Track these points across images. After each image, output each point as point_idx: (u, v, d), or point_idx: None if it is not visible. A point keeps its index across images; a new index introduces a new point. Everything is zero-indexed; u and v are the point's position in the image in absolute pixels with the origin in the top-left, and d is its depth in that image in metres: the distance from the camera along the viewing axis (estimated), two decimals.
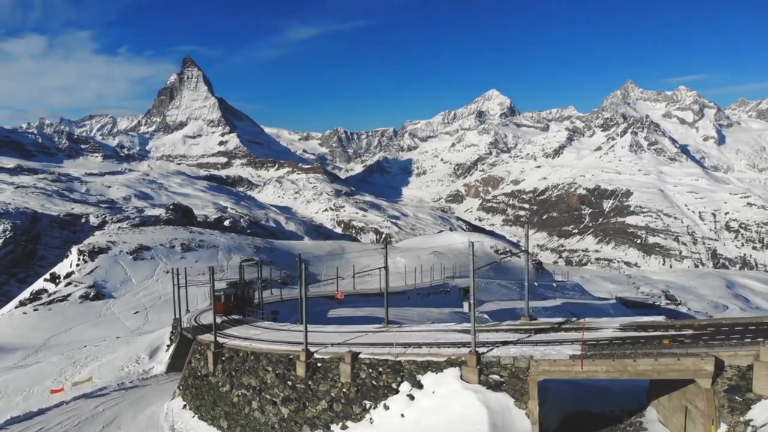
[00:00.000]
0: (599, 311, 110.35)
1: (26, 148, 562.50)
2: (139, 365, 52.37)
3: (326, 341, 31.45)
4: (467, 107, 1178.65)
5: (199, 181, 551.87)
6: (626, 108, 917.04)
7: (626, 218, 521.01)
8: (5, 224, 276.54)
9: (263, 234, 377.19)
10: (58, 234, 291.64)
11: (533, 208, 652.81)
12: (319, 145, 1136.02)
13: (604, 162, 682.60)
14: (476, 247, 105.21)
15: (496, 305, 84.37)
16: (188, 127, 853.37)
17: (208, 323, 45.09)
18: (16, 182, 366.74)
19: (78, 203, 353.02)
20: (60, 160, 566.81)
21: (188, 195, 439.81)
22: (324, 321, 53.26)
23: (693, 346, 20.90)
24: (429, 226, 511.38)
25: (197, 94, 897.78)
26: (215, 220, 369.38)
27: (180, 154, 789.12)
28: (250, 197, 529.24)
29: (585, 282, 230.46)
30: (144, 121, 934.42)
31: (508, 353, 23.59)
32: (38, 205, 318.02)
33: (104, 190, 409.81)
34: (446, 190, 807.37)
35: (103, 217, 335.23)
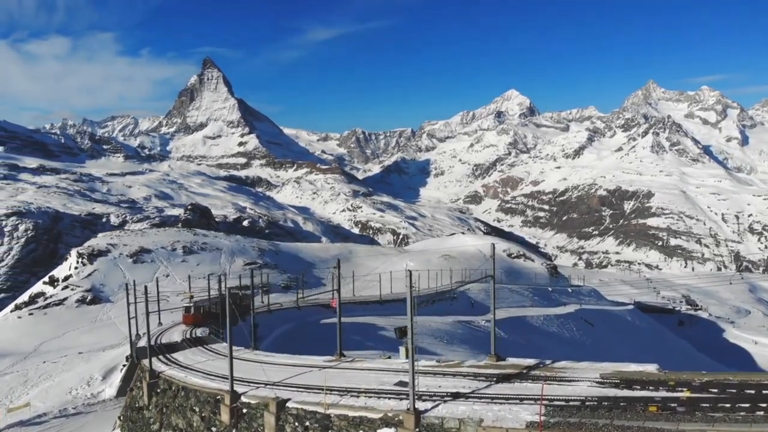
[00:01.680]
0: (616, 318, 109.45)
1: (49, 148, 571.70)
2: (90, 387, 47.34)
3: (261, 379, 26.83)
4: (486, 107, 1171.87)
5: (218, 181, 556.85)
6: (648, 108, 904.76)
7: (647, 220, 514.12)
8: (27, 223, 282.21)
9: (281, 234, 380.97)
10: (80, 233, 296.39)
11: (553, 209, 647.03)
12: (338, 146, 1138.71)
13: (625, 163, 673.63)
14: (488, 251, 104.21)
15: (505, 313, 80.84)
16: (208, 128, 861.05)
17: (167, 342, 41.55)
18: (38, 182, 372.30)
19: (99, 203, 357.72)
20: (82, 160, 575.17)
21: (208, 195, 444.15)
22: (314, 332, 49.79)
23: (687, 419, 15.85)
24: (446, 227, 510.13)
25: (217, 95, 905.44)
26: (234, 220, 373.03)
27: (200, 155, 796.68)
28: (269, 197, 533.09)
29: (603, 285, 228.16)
30: (165, 121, 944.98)
31: (456, 412, 18.99)
32: (60, 204, 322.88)
33: (125, 190, 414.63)
34: (464, 190, 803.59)
35: (124, 216, 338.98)
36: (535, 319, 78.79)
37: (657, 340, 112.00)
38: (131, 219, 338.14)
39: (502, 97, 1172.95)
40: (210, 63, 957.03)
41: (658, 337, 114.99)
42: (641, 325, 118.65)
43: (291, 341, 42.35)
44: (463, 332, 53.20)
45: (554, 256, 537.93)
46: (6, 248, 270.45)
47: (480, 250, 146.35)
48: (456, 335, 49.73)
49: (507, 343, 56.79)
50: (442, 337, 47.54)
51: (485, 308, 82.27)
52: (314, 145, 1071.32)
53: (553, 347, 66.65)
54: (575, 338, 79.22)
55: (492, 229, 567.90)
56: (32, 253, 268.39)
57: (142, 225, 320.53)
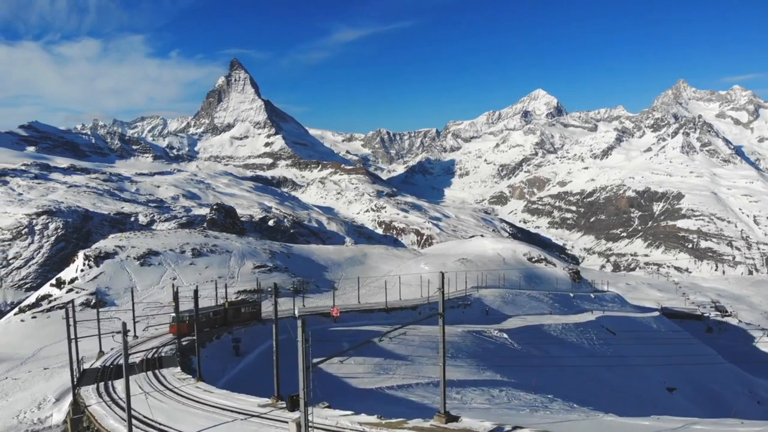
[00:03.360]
0: (639, 326, 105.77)
1: (80, 148, 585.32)
2: (39, 411, 41.68)
3: (174, 428, 23.74)
4: (512, 107, 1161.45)
5: (245, 181, 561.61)
6: (678, 108, 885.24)
7: (677, 222, 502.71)
8: (57, 222, 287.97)
9: (305, 234, 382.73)
10: (108, 232, 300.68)
11: (580, 211, 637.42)
12: (362, 146, 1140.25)
13: (654, 163, 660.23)
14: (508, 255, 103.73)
15: (521, 321, 79.12)
16: (235, 129, 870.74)
17: None
18: (69, 181, 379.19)
19: (128, 202, 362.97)
20: (112, 160, 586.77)
21: (234, 195, 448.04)
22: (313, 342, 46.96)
23: None
24: (471, 227, 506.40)
25: (244, 97, 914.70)
26: (260, 220, 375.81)
27: (227, 155, 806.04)
28: (294, 197, 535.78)
29: (630, 289, 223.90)
30: (193, 122, 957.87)
31: None
32: (90, 204, 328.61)
33: (153, 189, 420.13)
34: (489, 191, 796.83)
35: (152, 216, 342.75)
36: (553, 327, 76.08)
37: (682, 349, 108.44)
38: (159, 218, 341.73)
39: (529, 97, 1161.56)
40: (237, 64, 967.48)
41: (684, 346, 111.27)
42: (666, 332, 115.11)
43: (282, 357, 39.42)
44: (471, 344, 50.38)
45: (581, 258, 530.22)
46: (36, 246, 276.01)
47: (499, 253, 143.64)
48: (463, 347, 47.19)
49: (520, 355, 55.00)
50: (447, 350, 44.14)
51: (501, 316, 79.98)
52: (339, 145, 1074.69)
53: (571, 358, 64.36)
54: (595, 348, 76.65)
55: (518, 230, 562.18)
56: (62, 252, 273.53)
57: (170, 224, 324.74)
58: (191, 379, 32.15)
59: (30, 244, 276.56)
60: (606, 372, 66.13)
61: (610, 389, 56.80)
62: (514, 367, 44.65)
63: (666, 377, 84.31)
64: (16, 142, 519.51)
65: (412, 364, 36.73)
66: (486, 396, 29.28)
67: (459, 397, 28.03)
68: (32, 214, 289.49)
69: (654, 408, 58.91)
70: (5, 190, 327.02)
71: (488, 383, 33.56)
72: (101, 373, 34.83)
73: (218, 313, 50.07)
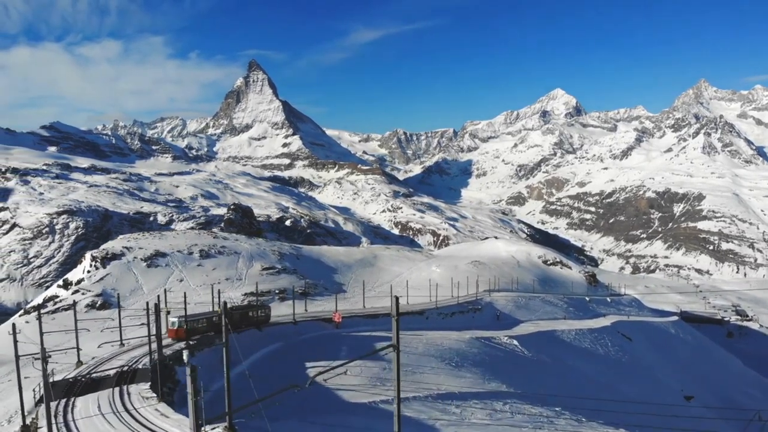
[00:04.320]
0: (657, 331, 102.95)
1: (101, 148, 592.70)
2: (9, 425, 36.60)
3: None
4: (531, 107, 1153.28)
5: (262, 181, 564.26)
6: (699, 108, 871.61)
7: (698, 223, 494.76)
8: (78, 221, 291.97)
9: (322, 234, 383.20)
10: (128, 232, 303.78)
11: (599, 212, 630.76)
12: (379, 147, 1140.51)
13: (674, 164, 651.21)
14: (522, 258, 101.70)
15: (533, 326, 76.69)
16: (253, 130, 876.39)
17: (97, 376, 34.17)
18: (89, 181, 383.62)
19: (147, 202, 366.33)
20: (132, 160, 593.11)
21: (252, 195, 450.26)
22: (304, 354, 43.13)
23: None
24: (488, 228, 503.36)
25: (262, 97, 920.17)
26: (277, 220, 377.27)
27: (245, 156, 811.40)
28: (311, 198, 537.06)
29: (649, 292, 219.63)
30: (212, 123, 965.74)
31: None
32: (109, 203, 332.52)
33: (172, 189, 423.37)
34: (507, 191, 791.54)
35: (171, 215, 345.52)
36: (566, 333, 73.99)
37: (702, 355, 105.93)
38: (178, 218, 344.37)
39: (548, 97, 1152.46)
40: (255, 65, 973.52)
41: (704, 352, 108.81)
42: (685, 338, 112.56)
43: (270, 368, 37.58)
44: (478, 351, 48.05)
45: (600, 259, 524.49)
46: (56, 245, 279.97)
47: (513, 256, 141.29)
48: (469, 356, 44.99)
49: (532, 363, 53.59)
50: (451, 359, 42.71)
51: (512, 321, 78.11)
52: (356, 146, 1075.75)
53: (584, 366, 62.72)
54: (610, 355, 74.62)
55: (536, 232, 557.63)
56: (82, 251, 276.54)
57: (188, 224, 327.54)
58: (154, 399, 29.83)
59: (50, 243, 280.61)
60: (620, 380, 64.42)
61: (622, 398, 55.15)
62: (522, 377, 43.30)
63: (684, 385, 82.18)
64: (38, 142, 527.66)
65: (413, 373, 34.70)
66: (488, 410, 28.03)
67: (458, 412, 26.82)
68: (53, 214, 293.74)
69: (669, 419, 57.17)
70: (27, 190, 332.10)
71: (492, 395, 32.14)
72: (68, 388, 32.23)
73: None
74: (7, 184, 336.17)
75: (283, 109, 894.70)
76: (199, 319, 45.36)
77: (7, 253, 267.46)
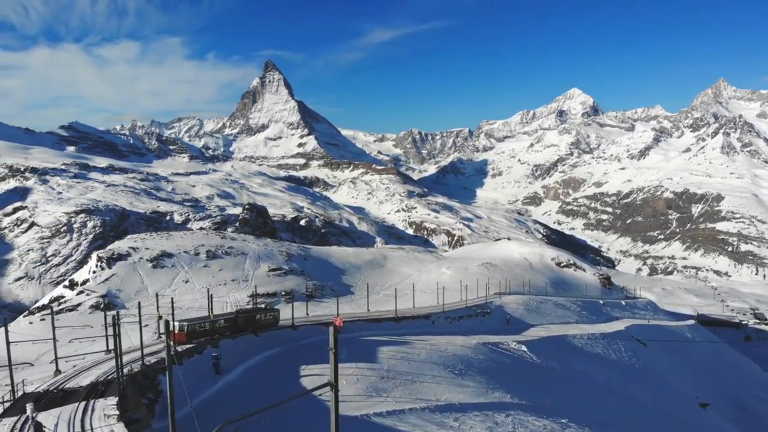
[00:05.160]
0: (672, 335, 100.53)
1: (119, 148, 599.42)
2: None
3: None
4: (547, 106, 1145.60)
5: (278, 181, 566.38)
6: (718, 107, 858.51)
7: (716, 224, 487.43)
8: (95, 220, 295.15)
9: (336, 233, 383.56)
10: (144, 230, 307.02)
11: (616, 212, 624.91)
12: (394, 146, 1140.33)
13: (693, 164, 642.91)
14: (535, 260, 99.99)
15: (544, 331, 74.98)
16: (269, 130, 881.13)
17: (73, 387, 31.59)
18: (107, 181, 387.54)
19: (164, 201, 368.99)
20: (150, 160, 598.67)
21: (268, 195, 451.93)
22: (302, 360, 40.21)
23: None
24: (503, 228, 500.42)
25: (278, 98, 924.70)
26: (292, 219, 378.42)
27: (261, 156, 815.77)
28: (326, 197, 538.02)
29: (666, 294, 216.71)
30: (228, 123, 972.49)
31: None
32: (127, 202, 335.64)
33: (189, 189, 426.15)
34: (523, 191, 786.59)
35: (187, 214, 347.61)
36: (578, 338, 72.30)
37: (718, 360, 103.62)
38: (194, 217, 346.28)
39: (564, 96, 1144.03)
40: (271, 66, 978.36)
41: (720, 357, 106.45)
42: (702, 342, 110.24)
43: (263, 376, 35.50)
44: (485, 357, 46.42)
45: (617, 260, 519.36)
46: (74, 244, 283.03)
47: (526, 258, 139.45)
48: (474, 363, 43.43)
49: (540, 370, 52.36)
50: (455, 366, 41.20)
51: (522, 325, 76.67)
52: (371, 145, 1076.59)
53: (596, 373, 61.32)
54: (623, 361, 72.97)
55: (552, 232, 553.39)
56: (99, 250, 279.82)
57: (204, 223, 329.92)
58: (114, 418, 26.60)
59: (68, 241, 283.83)
60: (633, 387, 62.96)
61: (635, 407, 53.84)
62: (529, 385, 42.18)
63: (699, 392, 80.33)
64: (57, 142, 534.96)
65: (412, 382, 33.30)
66: (489, 423, 26.96)
67: (456, 426, 25.74)
68: (71, 213, 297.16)
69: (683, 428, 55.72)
70: (45, 189, 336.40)
71: (495, 406, 30.99)
72: (36, 402, 28.79)
73: (229, 320, 46.08)
74: (26, 184, 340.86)
75: (298, 110, 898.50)
76: (202, 322, 43.92)
77: (26, 252, 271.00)
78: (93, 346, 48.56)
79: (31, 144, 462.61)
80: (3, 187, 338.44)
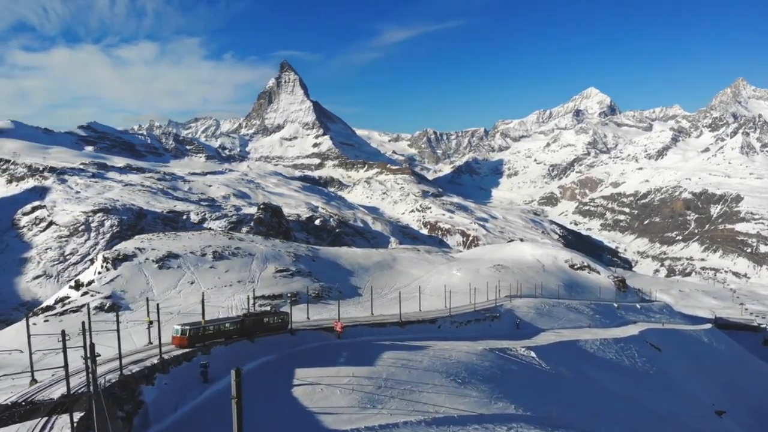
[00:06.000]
0: (689, 340, 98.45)
1: (136, 148, 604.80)
2: None
3: None
4: (564, 106, 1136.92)
5: (293, 181, 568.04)
6: (737, 107, 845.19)
7: (736, 225, 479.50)
8: (113, 219, 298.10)
9: (351, 233, 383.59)
10: (161, 229, 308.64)
11: (634, 213, 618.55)
12: (408, 146, 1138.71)
13: (712, 164, 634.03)
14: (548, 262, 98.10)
15: (555, 336, 72.99)
16: (285, 130, 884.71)
17: (37, 400, 29.07)
18: (124, 180, 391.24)
19: (180, 201, 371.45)
20: (167, 160, 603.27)
21: (283, 195, 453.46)
22: (299, 366, 38.93)
23: None
24: (519, 229, 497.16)
25: (294, 98, 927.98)
26: (306, 219, 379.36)
27: (277, 156, 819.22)
28: (340, 197, 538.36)
29: (683, 297, 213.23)
30: (244, 123, 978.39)
31: None
32: (144, 202, 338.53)
33: (205, 188, 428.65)
34: (539, 192, 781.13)
35: (203, 214, 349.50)
36: (590, 343, 70.61)
37: (736, 365, 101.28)
38: (210, 217, 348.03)
39: (581, 95, 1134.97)
40: (287, 66, 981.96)
41: (737, 362, 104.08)
42: (719, 347, 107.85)
43: (252, 387, 32.00)
44: (490, 365, 44.85)
45: (634, 261, 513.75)
46: (92, 243, 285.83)
47: (538, 260, 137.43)
48: (478, 370, 41.92)
49: (549, 377, 51.09)
50: (458, 374, 39.45)
51: (533, 330, 74.97)
52: (385, 145, 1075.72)
53: (607, 380, 59.87)
54: (636, 367, 71.27)
55: (568, 232, 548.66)
56: None
57: (220, 223, 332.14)
58: None
59: (86, 240, 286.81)
60: (646, 394, 61.47)
61: (647, 416, 52.40)
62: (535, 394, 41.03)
63: (716, 398, 78.44)
64: (76, 141, 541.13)
65: (411, 392, 32.03)
66: None
67: None
68: (89, 212, 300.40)
69: None
70: (64, 189, 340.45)
71: (497, 418, 29.88)
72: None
73: (235, 323, 44.94)
74: (45, 183, 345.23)
75: (313, 110, 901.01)
76: (206, 326, 42.87)
77: (44, 250, 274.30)
78: (96, 349, 47.18)
79: (50, 144, 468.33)
80: (22, 186, 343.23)
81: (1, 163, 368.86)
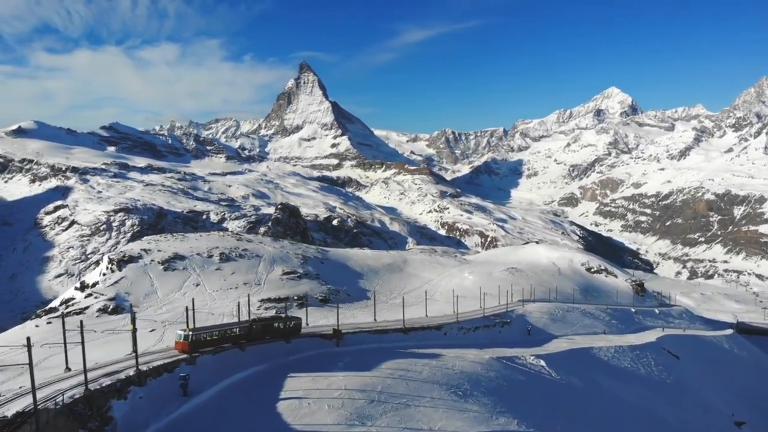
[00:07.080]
0: (708, 347, 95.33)
1: (157, 148, 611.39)
2: None
3: None
4: (584, 105, 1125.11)
5: (311, 181, 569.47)
6: (761, 107, 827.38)
7: (759, 227, 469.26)
8: (133, 219, 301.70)
9: (368, 233, 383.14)
10: (181, 229, 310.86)
11: (655, 214, 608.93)
12: (427, 146, 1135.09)
13: (735, 165, 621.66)
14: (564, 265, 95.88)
15: (568, 343, 70.96)
16: (303, 131, 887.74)
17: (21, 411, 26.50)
18: (145, 180, 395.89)
19: (200, 201, 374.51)
20: (187, 160, 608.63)
21: (301, 195, 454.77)
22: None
23: None
24: (539, 230, 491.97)
25: (312, 99, 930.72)
26: (324, 219, 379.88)
27: (295, 156, 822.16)
28: (358, 198, 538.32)
29: (705, 300, 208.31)
30: (264, 124, 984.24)
31: None
32: (164, 202, 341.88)
33: (225, 189, 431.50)
34: (559, 192, 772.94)
35: (223, 214, 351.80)
36: (604, 351, 68.45)
37: (757, 373, 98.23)
38: (229, 216, 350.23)
39: (602, 95, 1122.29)
40: (306, 67, 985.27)
41: (759, 370, 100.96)
42: (740, 354, 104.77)
43: (237, 400, 32.51)
44: (496, 375, 42.89)
45: (656, 263, 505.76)
46: (113, 242, 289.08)
47: (554, 263, 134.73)
48: (482, 381, 39.96)
49: (558, 388, 49.52)
50: (459, 386, 37.46)
51: (545, 337, 72.99)
52: (403, 146, 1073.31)
53: (621, 390, 57.97)
54: (652, 376, 68.96)
55: (588, 234, 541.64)
56: None
57: (240, 222, 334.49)
58: None
59: (107, 239, 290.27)
60: (662, 404, 59.60)
61: (661, 427, 50.69)
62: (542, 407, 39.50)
63: (735, 408, 75.98)
64: (98, 142, 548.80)
65: (406, 407, 30.66)
66: None
67: None
68: (110, 211, 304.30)
69: None
70: (86, 188, 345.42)
71: None
72: None
73: (243, 328, 43.33)
74: (68, 183, 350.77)
75: (332, 110, 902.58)
76: (209, 331, 41.30)
77: (66, 249, 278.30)
78: (98, 351, 46.56)
79: (73, 144, 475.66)
80: (45, 186, 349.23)
81: (25, 163, 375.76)
